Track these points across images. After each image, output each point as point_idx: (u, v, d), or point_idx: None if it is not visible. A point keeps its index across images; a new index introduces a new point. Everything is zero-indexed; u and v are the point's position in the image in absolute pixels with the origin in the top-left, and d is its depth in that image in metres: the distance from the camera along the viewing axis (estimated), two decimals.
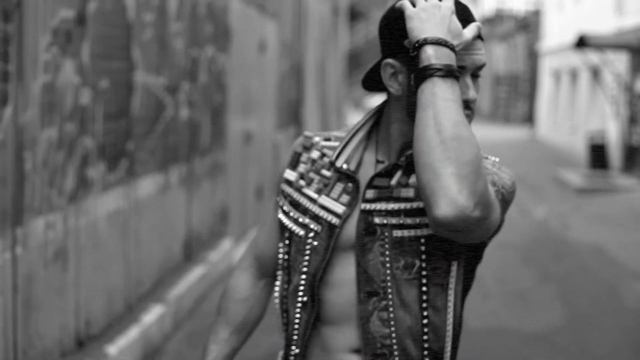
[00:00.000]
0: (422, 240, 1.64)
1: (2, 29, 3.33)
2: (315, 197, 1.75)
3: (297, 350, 1.76)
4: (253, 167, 8.55)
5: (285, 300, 1.79)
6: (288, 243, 1.78)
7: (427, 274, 1.64)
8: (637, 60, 15.88)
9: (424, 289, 1.64)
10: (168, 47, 5.65)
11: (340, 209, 1.70)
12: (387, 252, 1.64)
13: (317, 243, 1.71)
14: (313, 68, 13.25)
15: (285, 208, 1.80)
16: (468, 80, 1.62)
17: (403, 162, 1.66)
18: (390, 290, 1.64)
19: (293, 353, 1.77)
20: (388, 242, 1.64)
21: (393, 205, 1.65)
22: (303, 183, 1.78)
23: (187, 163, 6.18)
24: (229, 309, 1.91)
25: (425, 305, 1.64)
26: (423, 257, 1.64)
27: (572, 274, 7.59)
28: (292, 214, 1.78)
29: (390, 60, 1.65)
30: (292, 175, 1.82)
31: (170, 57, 5.72)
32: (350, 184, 1.71)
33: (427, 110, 1.50)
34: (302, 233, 1.75)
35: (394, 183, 1.66)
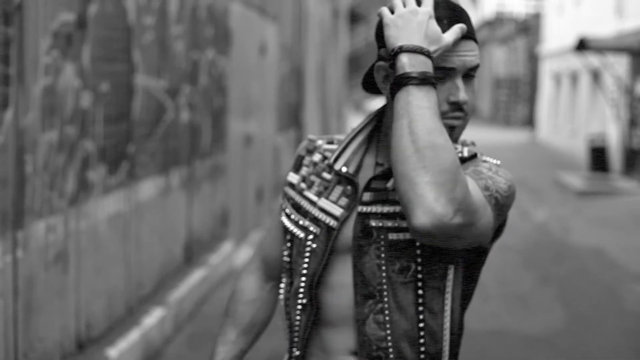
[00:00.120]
0: (417, 244, 1.63)
1: (2, 32, 3.34)
2: (315, 199, 1.75)
3: (297, 352, 1.76)
4: (253, 169, 8.55)
5: (288, 303, 1.80)
6: (290, 246, 1.79)
7: (423, 277, 1.63)
8: (637, 63, 15.89)
9: (420, 292, 1.63)
10: (168, 50, 5.66)
11: (338, 212, 1.70)
12: (382, 254, 1.64)
13: (316, 245, 1.72)
14: (313, 71, 13.26)
15: (288, 211, 1.81)
16: (459, 82, 1.61)
17: None
18: (386, 293, 1.64)
19: (294, 355, 1.77)
20: (384, 244, 1.64)
21: (389, 208, 1.65)
22: (304, 186, 1.79)
23: (187, 166, 6.19)
24: (237, 311, 1.92)
25: (422, 309, 1.64)
26: (419, 260, 1.63)
27: (572, 277, 7.58)
28: (293, 217, 1.79)
29: (383, 64, 1.65)
30: (294, 178, 1.82)
31: (171, 60, 5.73)
32: (350, 187, 1.71)
33: (402, 120, 1.50)
34: (302, 235, 1.75)
35: (390, 186, 1.66)
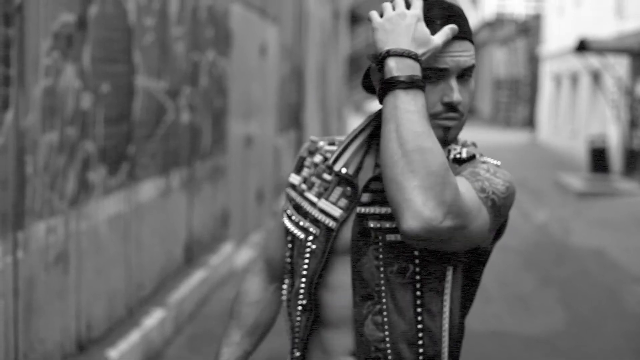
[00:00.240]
0: None
1: (3, 33, 3.34)
2: (315, 200, 1.75)
3: (297, 354, 1.77)
4: (254, 170, 8.55)
5: (289, 304, 1.80)
6: (291, 247, 1.79)
7: (421, 279, 1.63)
8: (637, 64, 15.89)
9: (418, 294, 1.63)
10: (169, 51, 5.66)
11: (337, 213, 1.70)
12: (381, 255, 1.64)
13: (315, 246, 1.72)
14: (314, 72, 13.26)
15: (289, 212, 1.81)
16: (452, 83, 1.60)
17: None
18: (384, 294, 1.64)
19: (295, 356, 1.77)
20: (382, 245, 1.64)
21: (387, 209, 1.65)
22: (305, 187, 1.79)
23: (188, 167, 6.19)
24: (241, 313, 1.92)
25: (420, 310, 1.63)
26: (416, 261, 1.63)
27: (573, 278, 7.58)
28: (294, 218, 1.79)
29: (374, 67, 1.65)
30: (296, 180, 1.83)
31: (171, 61, 5.73)
32: (349, 188, 1.71)
33: (389, 124, 1.50)
34: (302, 236, 1.75)
35: None
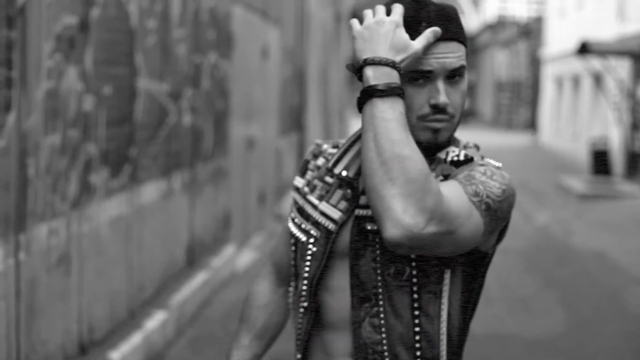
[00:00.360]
0: None
1: (5, 35, 3.34)
2: (317, 203, 1.76)
3: (299, 356, 1.77)
4: (255, 172, 8.56)
5: (294, 306, 1.81)
6: (294, 249, 1.80)
7: (418, 281, 1.63)
8: (639, 67, 15.89)
9: (416, 296, 1.63)
10: (171, 53, 5.67)
11: (337, 215, 1.70)
12: (378, 258, 1.64)
13: (316, 249, 1.72)
14: (315, 74, 13.27)
15: (293, 215, 1.82)
16: (439, 85, 1.60)
17: None
18: (382, 297, 1.64)
19: (296, 358, 1.78)
20: (379, 248, 1.64)
21: None
22: (307, 190, 1.80)
23: (189, 169, 6.19)
24: (250, 316, 1.93)
25: (418, 313, 1.63)
26: (413, 264, 1.62)
27: (574, 280, 7.58)
28: (297, 220, 1.80)
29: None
30: (300, 183, 1.84)
31: (173, 63, 5.73)
32: (349, 191, 1.71)
33: (368, 133, 1.51)
34: (304, 239, 1.76)
35: None
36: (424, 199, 1.43)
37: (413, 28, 1.59)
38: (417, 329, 1.63)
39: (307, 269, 1.73)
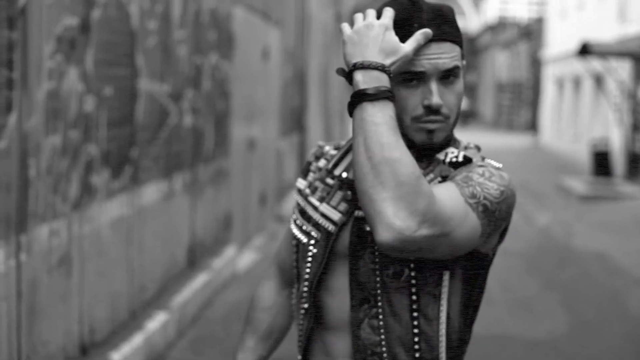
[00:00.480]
0: None
1: (6, 36, 3.34)
2: (318, 204, 1.76)
3: (299, 357, 1.77)
4: (256, 173, 8.56)
5: (295, 307, 1.81)
6: (296, 251, 1.80)
7: (416, 283, 1.62)
8: None
9: (414, 298, 1.63)
10: (172, 54, 5.67)
11: (337, 217, 1.70)
12: (377, 259, 1.64)
13: (316, 250, 1.72)
14: (316, 75, 13.27)
15: (294, 216, 1.82)
16: (432, 86, 1.59)
17: None
18: (380, 298, 1.63)
19: (297, 359, 1.78)
20: (377, 249, 1.63)
21: None
22: (309, 191, 1.80)
23: (190, 170, 6.19)
24: (255, 318, 1.93)
25: (416, 315, 1.63)
26: (412, 265, 1.62)
27: (576, 282, 7.58)
28: (298, 222, 1.80)
29: None
30: (302, 184, 1.84)
31: (174, 64, 5.73)
32: (349, 192, 1.71)
33: (358, 137, 1.50)
34: (305, 240, 1.76)
35: None
36: (415, 202, 1.43)
37: (405, 30, 1.59)
38: (415, 331, 1.63)
39: (307, 270, 1.73)
